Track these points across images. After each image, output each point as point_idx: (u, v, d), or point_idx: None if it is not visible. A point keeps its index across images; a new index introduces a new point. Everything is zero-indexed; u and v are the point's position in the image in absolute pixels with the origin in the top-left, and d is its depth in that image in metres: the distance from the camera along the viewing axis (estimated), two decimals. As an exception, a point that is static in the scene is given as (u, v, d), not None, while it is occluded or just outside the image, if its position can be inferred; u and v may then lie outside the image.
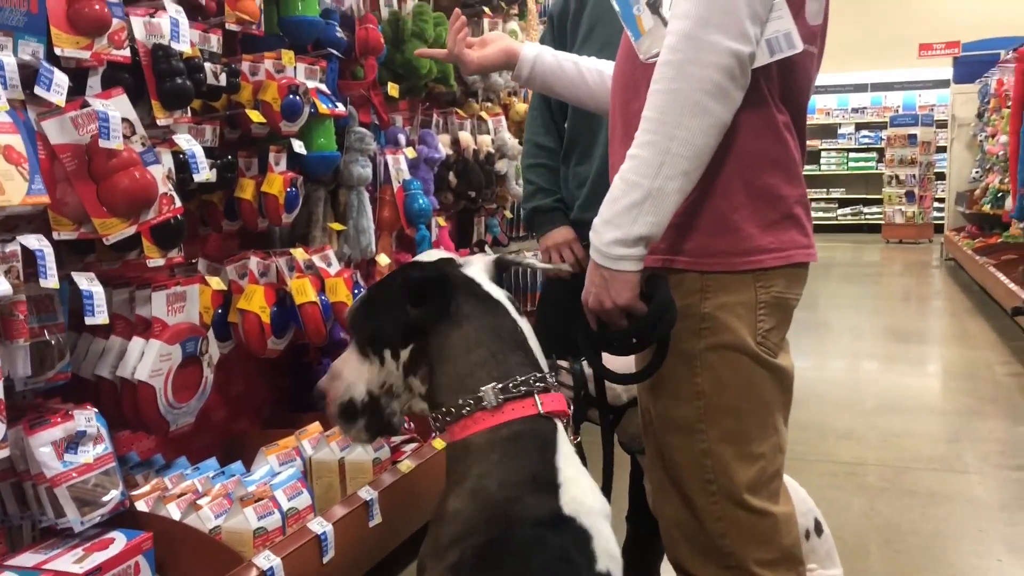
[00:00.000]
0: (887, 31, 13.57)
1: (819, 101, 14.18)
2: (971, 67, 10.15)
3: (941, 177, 12.08)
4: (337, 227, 2.81)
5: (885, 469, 3.48)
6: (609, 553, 1.21)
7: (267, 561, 1.89)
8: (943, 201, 11.57)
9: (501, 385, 1.24)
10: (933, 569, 2.63)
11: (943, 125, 11.98)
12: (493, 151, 3.66)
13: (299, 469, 2.25)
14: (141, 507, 1.97)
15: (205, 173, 2.08)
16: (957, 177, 10.64)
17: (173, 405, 2.01)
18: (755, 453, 1.34)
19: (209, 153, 2.17)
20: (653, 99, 1.19)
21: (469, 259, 1.38)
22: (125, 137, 1.81)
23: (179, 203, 1.94)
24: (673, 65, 1.17)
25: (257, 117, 2.35)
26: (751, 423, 1.33)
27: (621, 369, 1.40)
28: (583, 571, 1.17)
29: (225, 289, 2.39)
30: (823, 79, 1.42)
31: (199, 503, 1.99)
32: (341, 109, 2.63)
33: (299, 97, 2.40)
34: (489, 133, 3.70)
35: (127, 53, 1.89)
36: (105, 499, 1.77)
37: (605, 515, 1.24)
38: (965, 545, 2.79)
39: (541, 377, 1.27)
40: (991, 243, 8.50)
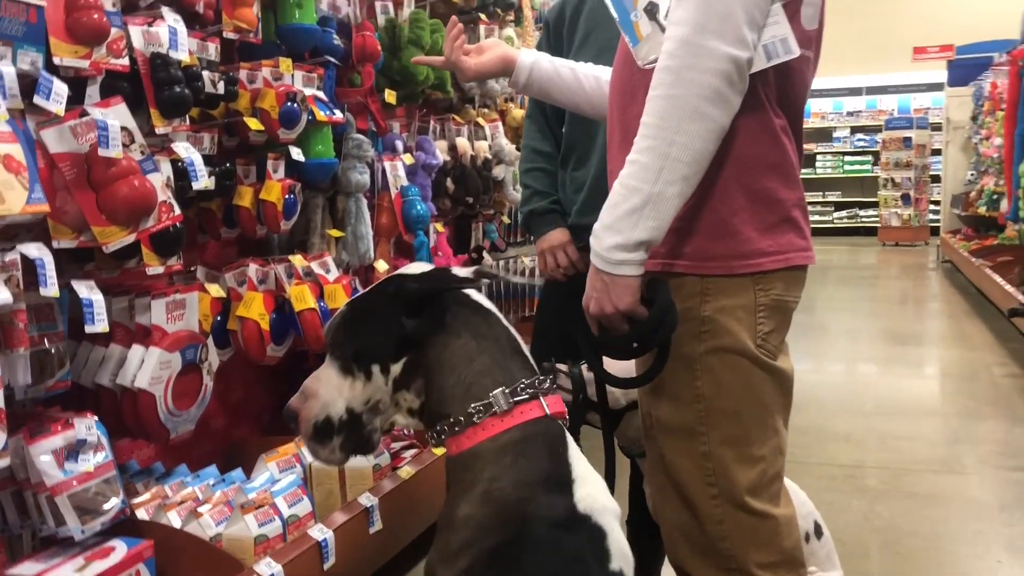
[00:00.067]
0: (881, 35, 13.62)
1: (814, 105, 14.21)
2: (965, 70, 10.20)
3: (936, 180, 12.12)
4: (335, 234, 2.81)
5: (884, 471, 3.48)
6: (622, 552, 1.22)
7: (268, 568, 1.89)
8: (939, 204, 11.62)
9: (510, 389, 1.24)
10: (933, 571, 2.64)
11: (938, 128, 12.02)
12: (490, 157, 3.66)
13: (299, 476, 2.25)
14: (142, 515, 1.97)
15: (204, 181, 2.08)
16: (952, 180, 10.68)
17: (173, 412, 2.01)
18: (756, 455, 1.34)
19: (207, 161, 2.18)
20: (652, 105, 1.20)
21: (452, 270, 1.37)
22: (124, 146, 1.81)
23: (178, 211, 1.95)
24: (671, 71, 1.18)
25: (255, 125, 2.36)
26: (751, 426, 1.34)
27: (621, 373, 1.40)
28: (597, 569, 1.18)
29: (224, 296, 2.39)
30: (818, 83, 1.43)
31: (200, 511, 1.99)
32: (339, 116, 2.63)
33: (297, 104, 2.40)
34: (486, 139, 3.70)
35: (126, 62, 1.89)
36: (106, 507, 1.76)
37: (616, 514, 1.25)
38: (965, 547, 2.80)
39: (543, 380, 1.29)
40: (987, 245, 8.52)
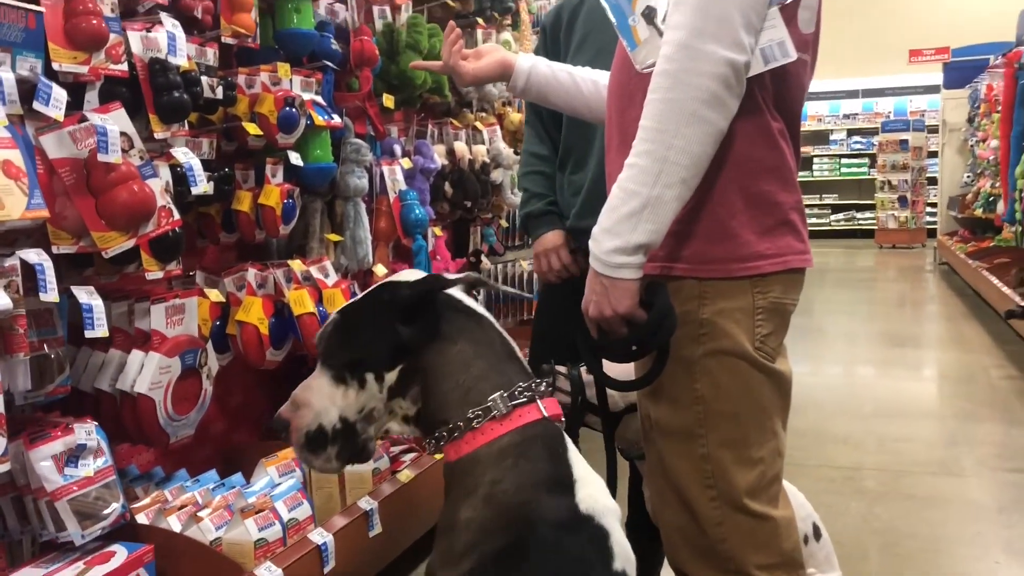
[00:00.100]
0: (877, 37, 13.66)
1: (811, 107, 14.23)
2: (961, 72, 10.24)
3: (933, 182, 12.15)
4: (334, 238, 2.81)
5: (883, 473, 3.49)
6: (625, 552, 1.23)
7: (268, 572, 1.90)
8: (935, 206, 11.64)
9: (508, 393, 1.25)
10: (932, 573, 2.64)
11: (934, 130, 12.05)
12: (488, 161, 3.67)
13: (299, 480, 2.24)
14: (142, 520, 1.97)
15: (203, 186, 2.08)
16: (949, 182, 10.70)
17: (173, 417, 2.01)
18: (754, 458, 1.35)
19: (206, 166, 2.18)
20: (650, 108, 1.20)
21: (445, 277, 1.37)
22: (123, 151, 1.81)
23: (177, 216, 1.95)
24: (669, 75, 1.18)
25: (254, 129, 2.36)
26: (750, 428, 1.34)
27: (620, 376, 1.40)
28: (601, 570, 1.18)
29: (223, 301, 2.39)
30: (814, 85, 1.44)
31: (199, 515, 1.99)
32: (337, 121, 2.64)
33: (295, 109, 2.41)
34: (484, 143, 3.71)
35: (124, 67, 1.90)
36: (106, 512, 1.77)
37: (616, 515, 1.26)
38: (963, 548, 2.80)
39: (539, 383, 1.29)
40: (984, 247, 8.53)
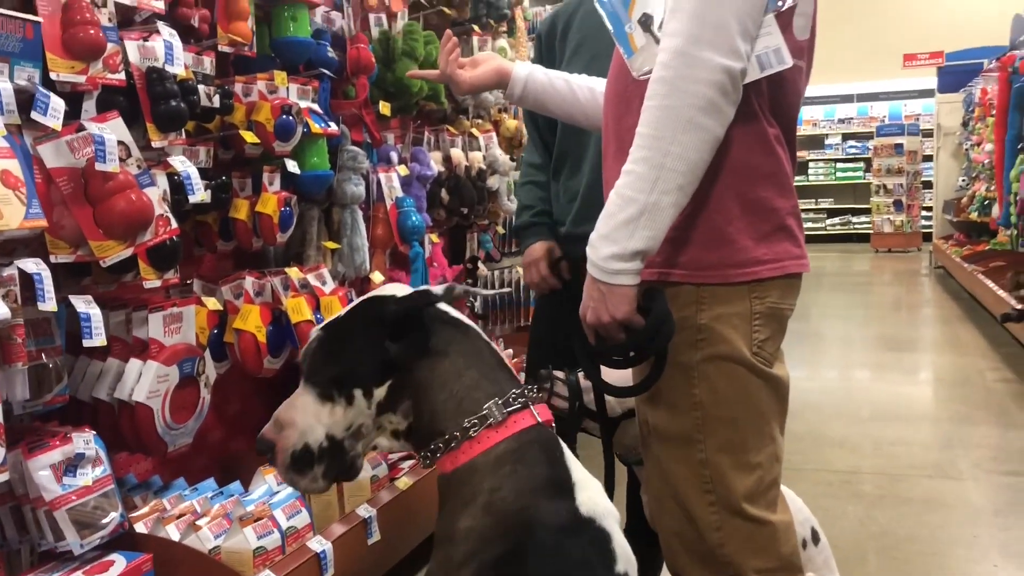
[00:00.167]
0: (872, 42, 13.70)
1: (806, 112, 14.26)
2: (955, 76, 10.27)
3: (928, 186, 12.16)
4: (331, 245, 2.82)
5: (880, 477, 3.50)
6: (626, 554, 1.23)
7: (267, 580, 1.90)
8: (931, 210, 11.66)
9: (502, 400, 1.25)
10: (930, 576, 2.65)
11: (929, 134, 12.06)
12: (484, 167, 3.67)
13: (297, 488, 2.25)
14: (140, 529, 1.97)
15: (200, 194, 2.09)
16: (944, 185, 10.72)
17: (171, 426, 2.01)
18: (752, 462, 1.35)
19: (203, 174, 2.18)
20: (647, 115, 1.21)
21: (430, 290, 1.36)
22: (121, 160, 1.82)
23: (175, 224, 1.95)
24: (666, 82, 1.19)
25: (251, 138, 2.36)
26: (748, 433, 1.34)
27: (618, 382, 1.41)
28: (604, 573, 1.19)
29: (221, 309, 2.39)
30: (809, 90, 1.44)
31: (198, 523, 1.99)
32: (334, 128, 2.64)
33: (292, 117, 2.41)
34: (480, 150, 3.72)
35: (122, 76, 1.90)
36: (104, 521, 1.76)
37: (616, 518, 1.26)
38: (961, 551, 2.81)
39: (531, 388, 1.30)
40: (979, 250, 8.55)
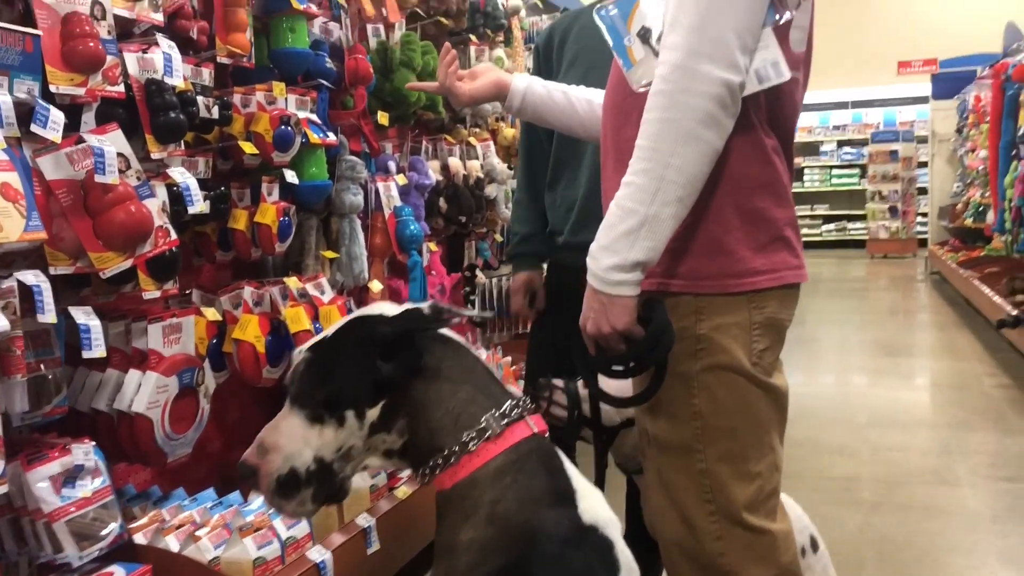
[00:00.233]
0: (866, 49, 13.76)
1: (801, 119, 13.89)
2: (949, 83, 10.32)
3: (923, 192, 12.21)
4: (330, 255, 2.82)
5: (878, 484, 3.50)
6: (628, 563, 1.23)
7: (267, 591, 1.89)
8: (926, 216, 11.71)
9: (499, 412, 1.26)
10: (929, 583, 2.66)
11: (923, 141, 12.12)
12: (482, 176, 3.68)
13: (297, 498, 2.24)
14: (139, 540, 1.96)
15: (199, 205, 2.09)
16: (939, 192, 10.77)
17: (170, 436, 2.01)
18: (752, 472, 1.36)
19: (202, 185, 2.18)
20: (647, 128, 1.22)
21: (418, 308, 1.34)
22: (120, 171, 1.82)
23: (174, 235, 1.96)
24: (666, 95, 1.20)
25: (249, 148, 2.37)
26: (748, 442, 1.35)
27: (618, 392, 1.41)
28: None
29: (220, 319, 2.39)
30: (804, 97, 1.46)
31: (197, 534, 1.98)
32: (332, 138, 2.65)
33: (290, 128, 2.42)
34: (478, 158, 3.73)
35: (121, 89, 1.90)
36: (104, 533, 1.76)
37: (617, 527, 1.26)
38: (960, 558, 2.81)
39: (526, 400, 1.31)
40: (974, 256, 8.58)
